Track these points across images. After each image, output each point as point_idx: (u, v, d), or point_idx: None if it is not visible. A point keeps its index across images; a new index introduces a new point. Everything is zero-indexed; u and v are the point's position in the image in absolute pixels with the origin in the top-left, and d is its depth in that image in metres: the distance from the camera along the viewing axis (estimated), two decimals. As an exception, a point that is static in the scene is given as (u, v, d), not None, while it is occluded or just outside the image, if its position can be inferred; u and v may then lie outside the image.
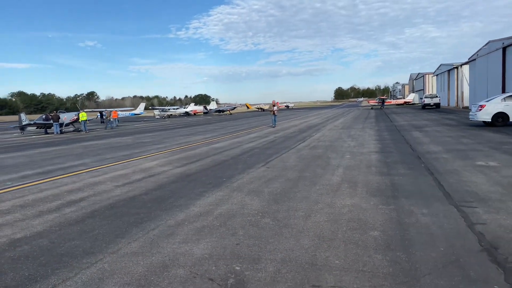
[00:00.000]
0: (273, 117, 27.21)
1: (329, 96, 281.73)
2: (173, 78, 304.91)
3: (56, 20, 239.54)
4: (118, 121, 47.01)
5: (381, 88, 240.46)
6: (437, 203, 5.94)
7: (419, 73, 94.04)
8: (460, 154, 10.85)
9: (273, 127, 26.12)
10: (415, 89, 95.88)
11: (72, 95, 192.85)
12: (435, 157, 10.50)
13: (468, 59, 43.36)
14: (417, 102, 77.78)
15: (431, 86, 77.23)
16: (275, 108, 27.32)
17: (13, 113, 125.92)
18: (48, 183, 8.94)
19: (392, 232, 4.72)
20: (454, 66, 51.03)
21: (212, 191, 7.38)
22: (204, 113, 78.98)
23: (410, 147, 12.87)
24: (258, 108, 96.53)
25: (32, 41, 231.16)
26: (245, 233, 4.90)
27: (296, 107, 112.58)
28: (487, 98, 23.32)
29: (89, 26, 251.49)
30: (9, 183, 9.16)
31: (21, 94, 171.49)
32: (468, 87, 45.03)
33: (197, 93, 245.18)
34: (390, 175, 8.22)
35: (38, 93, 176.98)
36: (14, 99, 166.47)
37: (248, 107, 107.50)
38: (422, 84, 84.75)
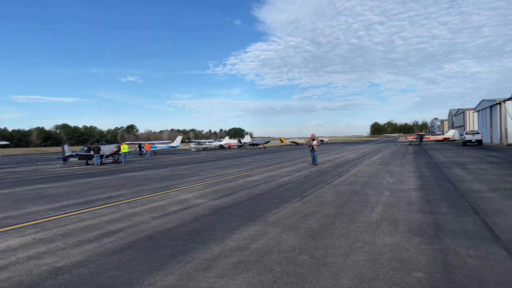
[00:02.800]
0: (312, 153, 23.05)
1: (365, 131, 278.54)
2: (209, 112, 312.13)
3: (101, 57, 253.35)
4: (149, 153, 48.51)
5: (419, 123, 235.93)
6: (484, 244, 5.61)
7: (459, 109, 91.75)
8: (508, 193, 10.31)
9: (313, 165, 22.20)
10: (455, 125, 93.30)
11: (112, 127, 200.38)
12: (480, 196, 10.03)
13: None
14: (457, 139, 75.39)
15: (472, 122, 75.00)
16: (315, 142, 22.92)
17: (57, 145, 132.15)
18: (88, 213, 9.17)
19: (438, 274, 4.48)
20: (497, 102, 49.50)
21: (248, 225, 7.31)
22: (238, 146, 79.81)
23: (452, 185, 12.37)
24: (292, 142, 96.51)
25: (78, 77, 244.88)
26: (282, 270, 4.79)
27: (331, 141, 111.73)
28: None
29: (131, 63, 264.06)
30: (51, 212, 9.47)
31: (65, 127, 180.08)
32: (512, 123, 43.34)
33: (231, 127, 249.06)
34: (433, 214, 7.89)
35: (80, 126, 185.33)
36: (58, 131, 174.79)
37: (282, 141, 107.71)
38: (463, 120, 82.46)
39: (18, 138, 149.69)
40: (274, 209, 8.95)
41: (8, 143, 76.10)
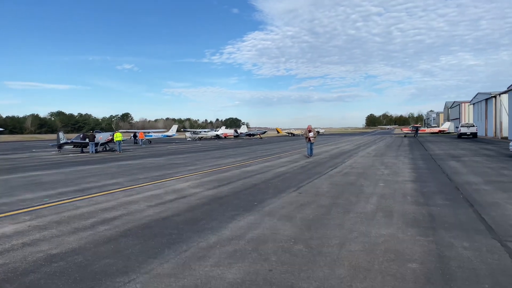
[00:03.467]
0: (308, 145, 22.26)
1: (361, 122, 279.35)
2: (205, 101, 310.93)
3: (96, 44, 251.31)
4: (142, 142, 48.76)
5: (415, 116, 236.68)
6: (479, 236, 5.66)
7: (454, 102, 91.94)
8: (502, 186, 10.39)
9: (309, 156, 21.69)
10: (450, 118, 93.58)
11: (107, 115, 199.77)
12: (474, 188, 10.09)
13: (507, 88, 42.09)
14: (453, 131, 75.76)
15: (468, 115, 75.19)
16: (311, 134, 22.07)
17: (52, 132, 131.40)
18: (83, 201, 9.14)
19: (432, 265, 4.51)
20: (492, 95, 49.63)
21: (244, 215, 7.32)
22: (234, 136, 79.69)
23: (447, 177, 12.44)
24: (288, 133, 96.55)
25: (73, 64, 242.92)
26: (278, 259, 4.80)
27: (327, 132, 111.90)
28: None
29: (127, 50, 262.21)
30: (46, 199, 9.43)
31: (60, 114, 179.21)
32: (508, 117, 43.53)
33: (228, 117, 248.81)
34: (427, 206, 7.93)
35: (75, 113, 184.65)
36: (53, 119, 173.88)
37: (278, 132, 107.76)
38: (458, 112, 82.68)
39: (13, 125, 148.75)
40: (270, 199, 8.97)
41: (2, 129, 75.50)
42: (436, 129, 75.14)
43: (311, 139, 22.02)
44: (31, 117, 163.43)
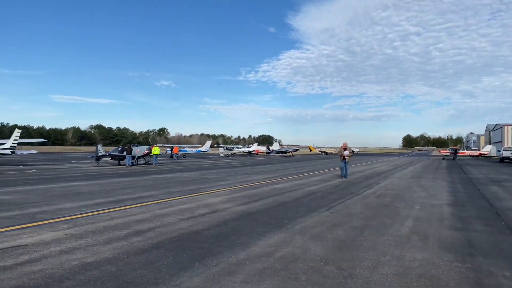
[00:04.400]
0: (342, 164, 20.75)
1: (397, 143, 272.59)
2: (239, 118, 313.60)
3: (136, 61, 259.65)
4: (177, 156, 50.09)
5: (454, 138, 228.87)
6: (521, 266, 5.37)
7: (497, 124, 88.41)
8: (547, 213, 9.84)
9: (343, 177, 20.29)
10: (492, 141, 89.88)
11: (144, 130, 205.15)
12: (517, 215, 9.61)
13: (554, 111, 40.13)
14: (494, 155, 72.58)
15: (511, 138, 72.04)
16: (346, 152, 20.52)
17: (91, 144, 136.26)
18: (118, 212, 9.38)
19: (470, 294, 4.31)
20: (538, 118, 47.38)
21: (274, 232, 7.28)
22: (266, 153, 79.76)
23: (487, 202, 11.92)
24: (321, 151, 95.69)
25: (113, 79, 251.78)
26: (308, 279, 4.73)
27: (361, 152, 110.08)
28: None
29: (165, 67, 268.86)
30: (84, 209, 9.74)
31: (99, 127, 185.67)
32: (554, 141, 41.37)
33: (261, 134, 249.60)
34: (466, 231, 7.62)
35: (114, 127, 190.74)
36: (93, 131, 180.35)
37: (311, 150, 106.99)
38: (500, 136, 79.34)
39: (55, 137, 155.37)
40: (301, 217, 8.88)
41: (45, 141, 78.97)
42: (476, 152, 72.32)
43: (346, 157, 20.51)
44: (72, 129, 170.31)
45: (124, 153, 32.63)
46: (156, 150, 32.86)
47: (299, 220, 8.51)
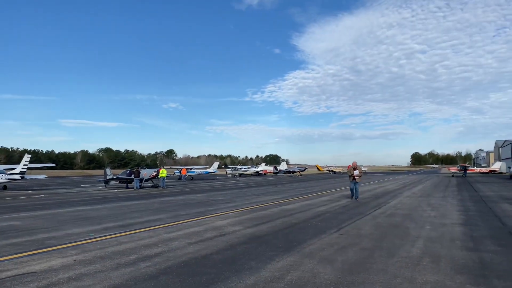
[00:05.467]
0: (352, 185, 19.42)
1: (405, 161, 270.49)
2: (246, 138, 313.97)
3: (144, 84, 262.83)
4: (185, 177, 50.33)
5: (462, 155, 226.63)
6: (537, 288, 5.24)
7: (506, 140, 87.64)
8: (562, 232, 9.64)
9: (354, 199, 18.98)
10: (502, 157, 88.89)
11: (152, 152, 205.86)
12: (530, 233, 9.43)
13: None
14: (504, 172, 71.66)
15: (521, 154, 71.22)
16: (356, 172, 19.16)
17: (100, 167, 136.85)
18: (126, 237, 9.36)
19: (485, 318, 4.20)
20: (547, 133, 46.95)
21: (283, 255, 7.21)
22: (274, 173, 79.59)
23: (499, 221, 11.73)
24: (329, 171, 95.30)
25: (122, 103, 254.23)
26: (318, 304, 4.65)
27: (370, 171, 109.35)
28: None
29: (173, 90, 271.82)
30: (92, 234, 9.73)
31: (107, 150, 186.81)
32: None
33: (268, 153, 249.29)
34: (478, 251, 7.48)
35: (122, 150, 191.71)
36: (101, 155, 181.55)
37: (318, 169, 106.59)
38: (510, 152, 78.46)
39: (64, 161, 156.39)
40: (310, 239, 8.79)
41: (54, 165, 79.57)
42: (486, 169, 71.55)
43: (356, 178, 19.14)
44: (81, 153, 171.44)
45: (132, 176, 32.76)
46: (163, 172, 32.96)
47: (308, 243, 8.42)
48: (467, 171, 62.50)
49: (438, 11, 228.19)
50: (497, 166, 71.38)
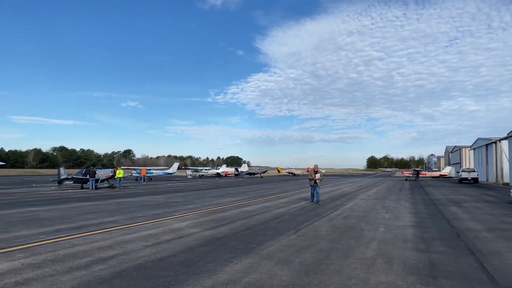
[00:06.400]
0: (313, 189, 19.03)
1: (362, 164, 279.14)
2: (207, 139, 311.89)
3: (102, 81, 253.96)
4: (144, 178, 49.47)
5: (416, 159, 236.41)
6: (480, 285, 5.54)
7: (455, 146, 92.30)
8: (504, 234, 10.25)
9: (316, 203, 18.46)
10: (451, 162, 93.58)
11: (109, 152, 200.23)
12: (476, 235, 9.96)
13: (507, 134, 42.37)
14: (454, 176, 75.52)
15: (468, 160, 75.25)
16: (318, 175, 18.63)
17: (53, 167, 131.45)
18: (80, 239, 9.04)
19: (432, 316, 4.39)
20: (493, 141, 49.89)
21: (241, 257, 7.21)
22: (235, 175, 79.61)
23: (448, 223, 12.31)
24: (289, 173, 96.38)
25: (78, 100, 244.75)
26: (274, 305, 4.69)
27: (327, 173, 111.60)
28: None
29: (132, 88, 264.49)
30: (43, 236, 9.32)
31: (62, 149, 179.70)
32: (508, 163, 43.53)
33: (229, 155, 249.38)
34: (428, 252, 7.81)
35: (78, 149, 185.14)
36: (55, 153, 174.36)
37: (279, 171, 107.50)
38: (459, 157, 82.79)
39: (15, 159, 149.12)
40: (269, 241, 8.85)
41: (4, 164, 75.61)
42: (437, 173, 74.98)
43: (317, 181, 18.69)
44: (34, 151, 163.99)
45: (88, 176, 31.69)
46: (120, 173, 32.11)
47: (266, 244, 8.47)
48: (420, 175, 65.26)
49: (396, 20, 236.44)
50: (447, 170, 75.04)
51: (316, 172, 18.68)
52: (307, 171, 21.83)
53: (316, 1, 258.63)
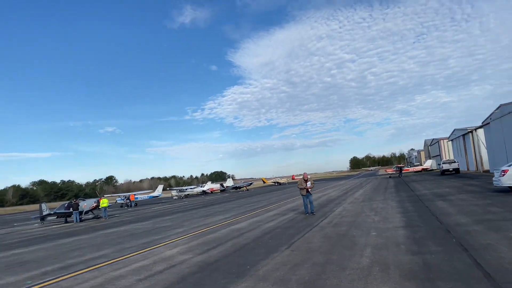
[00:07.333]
0: (305, 199, 18.10)
1: (345, 166, 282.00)
2: (189, 157, 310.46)
3: (77, 110, 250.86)
4: (132, 204, 48.82)
5: (397, 155, 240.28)
6: (478, 285, 5.57)
7: (433, 139, 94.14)
8: (492, 225, 10.40)
9: (311, 213, 17.65)
10: (431, 155, 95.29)
11: (91, 180, 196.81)
12: (465, 229, 10.07)
13: (482, 123, 43.46)
14: (435, 168, 76.88)
15: (447, 151, 76.78)
16: (309, 184, 17.83)
17: (34, 202, 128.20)
18: (68, 280, 8.75)
19: (435, 324, 4.37)
20: (469, 130, 51.08)
21: (237, 282, 7.08)
22: (221, 190, 79.19)
23: (436, 219, 12.43)
24: (274, 182, 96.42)
25: (54, 131, 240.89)
26: (277, 332, 4.59)
27: (312, 178, 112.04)
28: (507, 161, 22.91)
29: (108, 113, 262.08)
30: (29, 282, 8.99)
31: (42, 183, 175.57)
32: (486, 150, 44.59)
33: (213, 171, 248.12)
34: (422, 254, 7.84)
35: (58, 180, 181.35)
36: (35, 188, 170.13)
37: (264, 182, 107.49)
38: (438, 149, 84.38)
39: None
40: (263, 260, 8.74)
41: (-18, 204, 73.29)
42: (419, 168, 76.15)
43: (309, 189, 17.84)
44: (12, 188, 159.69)
45: (71, 209, 30.96)
46: (104, 202, 31.53)
47: (261, 264, 8.36)
48: (403, 171, 66.13)
49: (362, 21, 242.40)
50: (428, 164, 76.30)
51: (306, 181, 17.94)
52: (293, 179, 21.99)
53: (284, 10, 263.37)
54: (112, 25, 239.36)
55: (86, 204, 32.23)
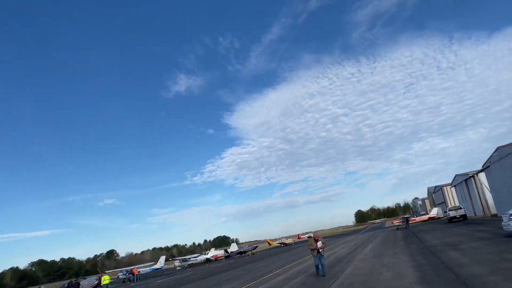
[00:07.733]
0: (317, 260, 17.16)
1: (350, 220, 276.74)
2: (191, 223, 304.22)
3: (75, 184, 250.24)
4: (136, 278, 47.33)
5: (401, 205, 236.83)
6: None
7: (436, 186, 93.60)
8: (508, 274, 10.02)
9: (322, 276, 16.63)
10: (436, 203, 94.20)
11: (92, 255, 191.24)
12: (482, 281, 9.69)
13: (482, 166, 43.47)
14: (442, 216, 75.62)
15: (452, 197, 76.10)
16: (320, 244, 16.93)
17: (33, 284, 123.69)
18: None
19: None
20: (470, 175, 50.93)
21: None
22: (225, 257, 76.92)
23: (451, 271, 12.00)
24: (280, 243, 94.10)
25: (52, 208, 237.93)
26: None
27: (322, 237, 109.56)
28: (514, 204, 22.58)
29: (107, 185, 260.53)
30: None
31: (41, 263, 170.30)
32: (490, 194, 44.17)
33: (216, 235, 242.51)
34: (442, 312, 7.46)
35: (58, 259, 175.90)
36: (34, 269, 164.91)
37: (270, 244, 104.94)
38: (442, 196, 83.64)
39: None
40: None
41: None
42: (425, 217, 74.85)
43: (319, 250, 16.92)
44: (11, 271, 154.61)
45: (72, 290, 29.85)
46: (106, 279, 30.64)
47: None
48: (410, 222, 64.97)
49: (352, 76, 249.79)
50: (434, 212, 75.15)
51: (317, 241, 17.10)
52: (299, 238, 21.17)
53: (275, 72, 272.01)
54: (109, 98, 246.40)
55: (87, 283, 31.21)
